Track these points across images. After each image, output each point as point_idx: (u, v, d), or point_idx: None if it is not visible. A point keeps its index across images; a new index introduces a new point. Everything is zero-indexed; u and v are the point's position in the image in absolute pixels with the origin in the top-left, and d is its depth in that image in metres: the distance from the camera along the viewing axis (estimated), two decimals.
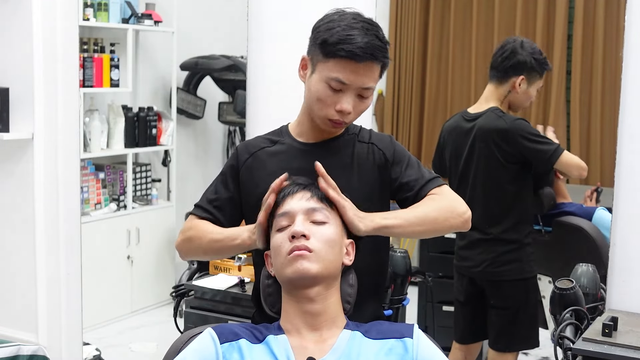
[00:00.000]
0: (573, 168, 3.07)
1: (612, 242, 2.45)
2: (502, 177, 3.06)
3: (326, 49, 1.80)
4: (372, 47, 1.78)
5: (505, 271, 3.08)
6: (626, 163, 2.40)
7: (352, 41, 1.77)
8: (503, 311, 3.11)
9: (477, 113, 3.13)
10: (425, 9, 6.26)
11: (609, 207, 2.97)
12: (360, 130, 1.98)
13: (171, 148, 5.30)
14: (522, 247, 3.09)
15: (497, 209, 3.08)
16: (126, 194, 5.01)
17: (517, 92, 3.09)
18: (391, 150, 1.93)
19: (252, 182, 1.93)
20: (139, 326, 4.89)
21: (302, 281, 1.64)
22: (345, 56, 1.78)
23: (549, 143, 3.05)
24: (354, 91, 1.82)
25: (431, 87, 6.04)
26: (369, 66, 1.80)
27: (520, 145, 3.01)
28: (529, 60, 3.06)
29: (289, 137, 1.97)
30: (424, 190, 1.88)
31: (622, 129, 2.40)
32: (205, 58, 5.43)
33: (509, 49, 3.08)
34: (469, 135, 3.12)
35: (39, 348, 2.89)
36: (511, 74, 3.08)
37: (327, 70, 1.81)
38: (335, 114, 1.84)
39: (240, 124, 5.66)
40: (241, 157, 1.97)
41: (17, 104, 2.90)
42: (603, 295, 2.42)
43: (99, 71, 4.70)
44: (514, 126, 3.02)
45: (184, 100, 5.49)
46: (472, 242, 3.13)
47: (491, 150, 3.05)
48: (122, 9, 4.88)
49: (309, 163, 1.79)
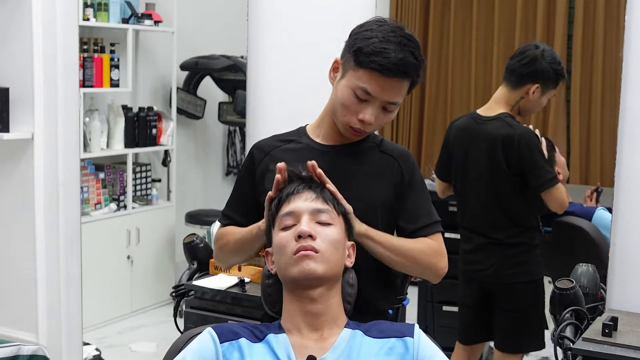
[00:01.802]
0: (557, 205, 3.02)
1: (612, 242, 2.45)
2: (508, 185, 3.03)
3: (359, 57, 1.80)
4: (405, 65, 1.78)
5: (515, 273, 3.06)
6: (626, 163, 2.40)
7: (386, 55, 1.77)
8: (513, 313, 3.10)
9: (488, 117, 3.09)
10: (425, 9, 6.26)
11: (609, 207, 2.96)
12: (382, 141, 1.98)
13: (171, 148, 5.30)
14: (530, 249, 3.08)
15: (503, 215, 3.05)
16: (126, 194, 5.01)
17: (529, 99, 3.06)
18: (410, 171, 1.94)
19: (269, 179, 1.88)
20: (139, 326, 4.88)
21: (307, 281, 1.64)
22: (376, 69, 1.77)
23: (547, 169, 3.00)
24: (380, 103, 1.82)
25: (431, 87, 6.04)
26: (399, 82, 1.80)
27: (522, 158, 2.98)
28: (547, 69, 3.01)
29: (307, 137, 1.97)
30: (423, 231, 1.90)
31: (622, 129, 2.40)
32: (205, 58, 5.43)
33: (529, 56, 3.03)
34: (478, 139, 3.09)
35: (39, 348, 2.88)
36: (527, 81, 3.03)
37: (356, 78, 1.81)
38: (357, 122, 1.84)
39: (240, 124, 5.66)
40: (257, 157, 1.97)
41: (17, 104, 2.90)
42: (603, 295, 2.42)
43: (99, 71, 4.70)
44: (523, 137, 2.98)
45: (184, 100, 5.49)
46: (479, 245, 3.11)
47: (498, 157, 3.01)
48: (122, 9, 4.88)
49: (325, 164, 1.80)
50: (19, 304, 2.99)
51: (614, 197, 2.44)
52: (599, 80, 5.57)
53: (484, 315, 3.20)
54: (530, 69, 3.02)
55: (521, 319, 3.09)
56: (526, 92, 3.05)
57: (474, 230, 3.14)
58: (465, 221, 3.18)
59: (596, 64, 5.59)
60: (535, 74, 3.02)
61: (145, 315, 5.08)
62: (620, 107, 2.41)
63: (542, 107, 3.30)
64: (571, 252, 3.19)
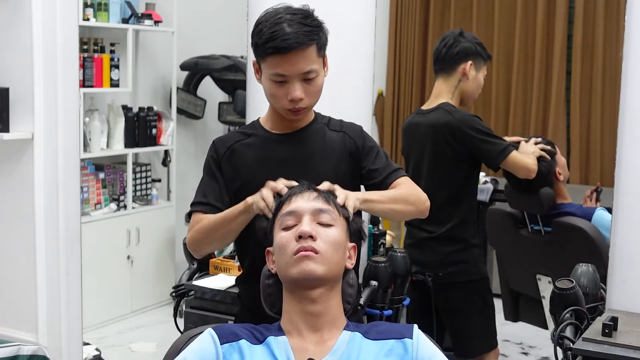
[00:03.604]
0: (520, 169, 3.02)
1: (612, 242, 2.44)
2: (450, 175, 3.01)
3: (258, 51, 1.95)
4: (296, 35, 1.89)
5: (452, 273, 3.02)
6: (626, 163, 2.39)
7: (275, 36, 1.89)
8: (452, 316, 3.05)
9: (428, 109, 3.11)
10: (425, 9, 6.26)
11: (609, 207, 2.96)
12: (330, 120, 2.11)
13: (171, 148, 5.30)
14: (468, 247, 3.04)
15: (445, 206, 2.99)
16: (126, 194, 5.01)
17: (467, 79, 3.06)
18: (362, 140, 2.07)
19: (233, 171, 2.04)
20: (139, 326, 4.89)
21: (306, 282, 1.64)
22: (273, 53, 1.90)
23: (498, 142, 2.99)
24: (297, 78, 1.93)
25: (431, 87, 6.02)
26: (301, 52, 1.90)
27: (468, 142, 2.96)
28: (471, 46, 3.06)
29: (262, 129, 2.09)
30: (389, 178, 2.02)
31: (622, 129, 2.39)
32: (205, 58, 5.44)
33: (450, 39, 3.08)
34: (420, 132, 3.09)
35: (39, 348, 2.88)
36: (459, 61, 3.05)
37: (267, 68, 1.95)
38: (289, 103, 1.95)
39: (240, 124, 5.66)
40: (219, 151, 2.08)
41: (17, 104, 2.90)
42: (603, 295, 2.42)
43: (99, 71, 4.70)
44: (462, 122, 2.98)
45: (184, 100, 5.49)
46: (419, 241, 3.08)
47: (441, 146, 3.00)
48: (122, 9, 4.88)
49: (282, 151, 2.01)
50: (19, 304, 2.99)
51: (614, 197, 2.44)
52: (599, 80, 5.59)
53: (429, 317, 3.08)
54: (457, 49, 3.05)
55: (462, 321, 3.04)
56: (462, 73, 3.06)
57: (415, 224, 3.09)
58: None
59: (596, 64, 5.60)
60: (464, 52, 3.05)
61: (145, 315, 5.08)
62: (620, 107, 2.40)
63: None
64: (571, 252, 3.19)
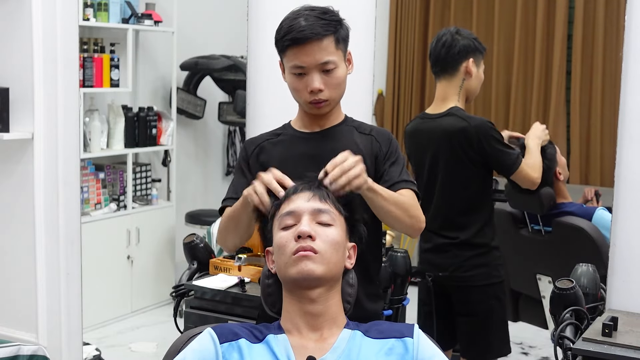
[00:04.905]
0: (526, 182, 3.00)
1: (612, 242, 2.44)
2: (466, 181, 2.98)
3: (278, 46, 2.01)
4: (312, 27, 1.93)
5: (472, 276, 2.99)
6: (626, 163, 2.39)
7: (293, 29, 1.94)
8: (470, 318, 3.03)
9: (438, 114, 3.03)
10: (425, 9, 6.26)
11: (609, 207, 2.96)
12: (361, 124, 2.14)
13: (171, 148, 5.30)
14: (489, 251, 3.01)
15: (463, 213, 2.98)
16: (126, 194, 5.01)
17: (470, 77, 3.02)
18: (387, 145, 2.09)
19: (260, 167, 2.03)
20: (139, 326, 4.89)
21: (305, 282, 1.64)
22: (290, 44, 1.95)
23: (510, 152, 2.97)
24: (316, 69, 1.97)
25: (431, 87, 6.04)
26: (317, 43, 1.94)
27: (484, 151, 2.93)
28: (469, 42, 3.01)
29: (291, 129, 2.13)
30: (396, 186, 2.02)
31: (622, 129, 2.39)
32: (205, 58, 5.44)
33: (447, 39, 3.02)
34: (431, 139, 3.03)
35: (39, 348, 2.89)
36: (460, 60, 3.00)
37: (287, 62, 2.00)
38: (309, 96, 2.00)
39: (240, 124, 5.66)
40: (249, 149, 2.14)
41: (17, 104, 2.90)
42: (603, 295, 2.42)
43: (99, 71, 4.71)
44: (480, 129, 2.93)
45: (184, 100, 5.49)
46: (438, 246, 3.04)
47: (456, 152, 2.96)
48: (122, 9, 4.88)
49: (308, 148, 2.05)
50: (19, 304, 2.99)
51: (614, 197, 2.44)
52: (599, 80, 5.58)
53: (444, 320, 3.08)
54: (457, 48, 3.00)
55: (481, 324, 3.01)
56: (465, 71, 3.01)
57: (432, 230, 3.04)
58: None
59: (596, 64, 5.60)
60: (464, 50, 3.01)
61: (145, 315, 5.08)
62: (620, 107, 2.40)
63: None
64: (571, 252, 3.19)
